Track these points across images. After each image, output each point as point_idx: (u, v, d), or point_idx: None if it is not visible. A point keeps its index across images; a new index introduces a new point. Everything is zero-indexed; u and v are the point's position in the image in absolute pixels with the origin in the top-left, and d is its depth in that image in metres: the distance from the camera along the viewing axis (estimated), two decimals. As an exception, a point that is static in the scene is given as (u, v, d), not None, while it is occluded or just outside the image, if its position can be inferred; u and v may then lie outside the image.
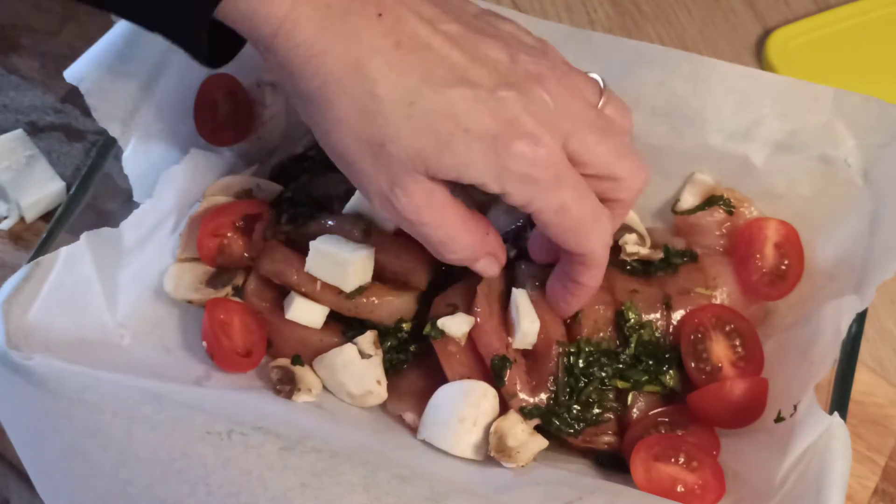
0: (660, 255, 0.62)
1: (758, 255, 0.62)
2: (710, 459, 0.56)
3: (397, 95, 0.49)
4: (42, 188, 0.75)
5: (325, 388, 0.61)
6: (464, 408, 0.57)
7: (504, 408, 0.58)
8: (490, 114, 0.49)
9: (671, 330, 0.60)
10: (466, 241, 0.53)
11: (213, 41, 0.53)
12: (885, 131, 0.60)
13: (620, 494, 0.53)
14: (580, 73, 0.54)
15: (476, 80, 0.49)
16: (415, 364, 0.62)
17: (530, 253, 0.61)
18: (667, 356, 0.60)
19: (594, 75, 0.55)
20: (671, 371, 0.59)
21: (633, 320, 0.60)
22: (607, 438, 0.59)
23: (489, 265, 0.56)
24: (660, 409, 0.59)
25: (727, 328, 0.60)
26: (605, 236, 0.53)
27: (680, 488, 0.55)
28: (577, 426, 0.58)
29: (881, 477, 0.65)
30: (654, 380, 0.59)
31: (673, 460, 0.56)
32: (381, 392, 0.60)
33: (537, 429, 0.58)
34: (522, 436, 0.57)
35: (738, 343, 0.59)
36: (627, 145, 0.54)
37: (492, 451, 0.56)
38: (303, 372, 0.60)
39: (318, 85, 0.49)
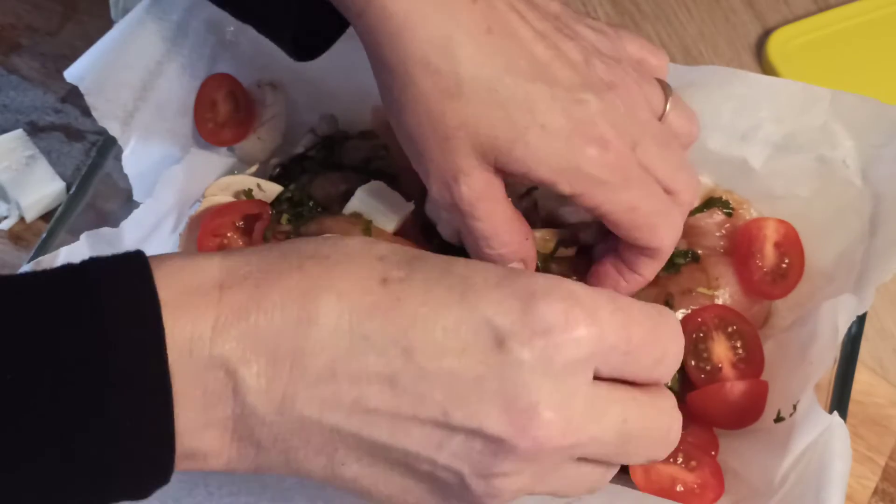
0: None
1: (758, 255, 0.62)
2: (708, 458, 0.56)
3: (480, 81, 0.49)
4: (42, 188, 0.75)
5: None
6: None
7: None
8: (565, 114, 0.49)
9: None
10: (507, 240, 0.54)
11: (303, 32, 0.55)
12: (882, 132, 0.60)
13: (619, 494, 0.53)
14: (649, 79, 0.55)
15: (555, 78, 0.50)
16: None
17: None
18: None
19: (662, 78, 0.56)
20: None
21: None
22: None
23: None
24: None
25: (729, 329, 0.60)
26: (675, 231, 0.54)
27: (679, 488, 0.55)
28: None
29: (881, 477, 0.65)
30: None
31: (671, 460, 0.56)
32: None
33: None
34: None
35: (738, 345, 0.59)
36: (684, 159, 0.55)
37: None
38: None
39: (404, 58, 0.49)
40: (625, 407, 0.42)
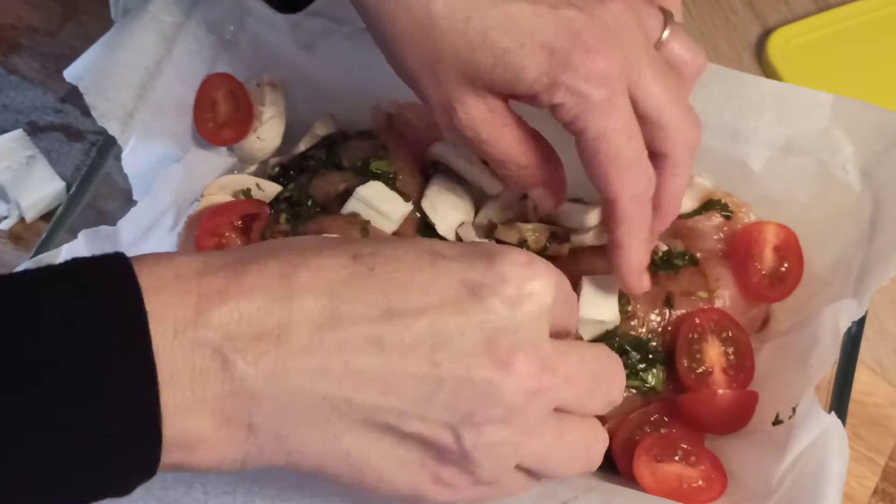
0: (663, 247, 0.62)
1: (757, 258, 0.62)
2: (705, 452, 0.57)
3: (454, 10, 0.49)
4: (42, 188, 0.75)
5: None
6: None
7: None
8: (549, 28, 0.49)
9: (667, 328, 0.60)
10: (524, 161, 0.53)
11: None
12: (883, 138, 0.60)
13: (616, 493, 0.53)
14: (647, 5, 0.53)
15: None
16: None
17: None
18: (651, 355, 0.59)
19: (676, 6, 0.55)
20: (654, 369, 0.59)
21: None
22: None
23: (544, 196, 0.56)
24: (644, 409, 0.59)
25: (724, 334, 0.60)
26: (635, 186, 0.52)
27: (688, 484, 0.55)
28: None
29: (881, 477, 0.65)
30: (634, 375, 0.59)
31: (674, 458, 0.56)
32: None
33: None
34: None
35: (731, 351, 0.59)
36: (683, 94, 0.53)
37: None
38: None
39: (380, 1, 0.50)
40: (579, 349, 0.45)
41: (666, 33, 0.53)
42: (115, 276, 0.39)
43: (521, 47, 0.49)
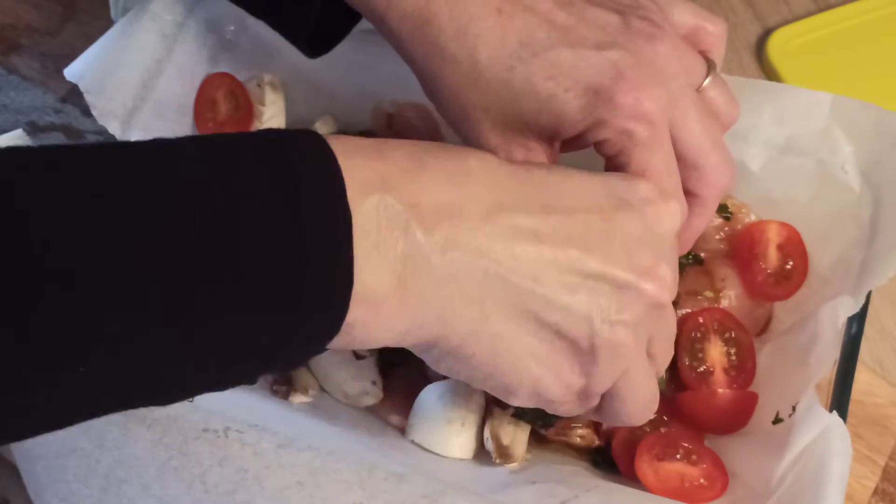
0: None
1: (761, 257, 0.62)
2: (705, 450, 0.57)
3: (497, 61, 0.50)
4: (42, 188, 0.75)
5: (321, 388, 0.61)
6: (451, 408, 0.57)
7: (488, 404, 0.58)
8: (592, 69, 0.49)
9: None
10: None
11: (319, 29, 0.58)
12: (882, 138, 0.60)
13: (616, 492, 0.53)
14: (691, 49, 0.54)
15: (579, 39, 0.49)
16: (404, 367, 0.61)
17: None
18: None
19: (719, 48, 0.56)
20: None
21: None
22: (581, 431, 0.59)
23: None
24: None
25: (727, 335, 0.60)
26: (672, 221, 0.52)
27: (690, 483, 0.55)
28: (547, 417, 0.57)
29: (881, 477, 0.65)
30: None
31: (675, 457, 0.56)
32: (376, 392, 0.60)
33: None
34: (509, 427, 0.57)
35: (733, 352, 0.59)
36: (722, 138, 0.54)
37: (497, 459, 0.56)
38: (299, 371, 0.60)
39: (425, 54, 0.51)
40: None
41: (707, 81, 0.53)
42: (306, 139, 0.41)
43: (565, 91, 0.49)
